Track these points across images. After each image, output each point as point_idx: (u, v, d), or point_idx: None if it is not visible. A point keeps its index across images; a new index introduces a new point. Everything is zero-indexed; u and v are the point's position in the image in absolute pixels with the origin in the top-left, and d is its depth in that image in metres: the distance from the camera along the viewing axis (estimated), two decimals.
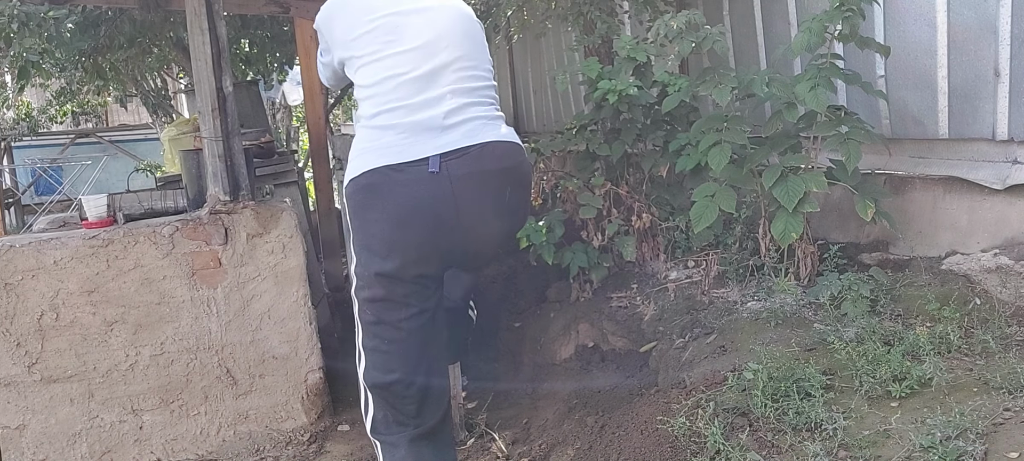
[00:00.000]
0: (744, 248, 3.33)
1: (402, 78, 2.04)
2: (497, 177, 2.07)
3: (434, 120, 2.02)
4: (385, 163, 1.99)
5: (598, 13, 3.88)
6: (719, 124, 3.07)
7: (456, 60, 2.08)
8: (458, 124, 2.04)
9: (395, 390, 2.09)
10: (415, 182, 1.98)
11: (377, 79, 2.06)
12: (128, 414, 2.92)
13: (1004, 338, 2.38)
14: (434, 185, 1.98)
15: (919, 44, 3.03)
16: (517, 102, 7.58)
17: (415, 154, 1.99)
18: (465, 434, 2.98)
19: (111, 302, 2.85)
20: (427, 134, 2.01)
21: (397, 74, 2.05)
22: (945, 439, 1.86)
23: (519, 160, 2.15)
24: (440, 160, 1.98)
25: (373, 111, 2.06)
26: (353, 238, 2.10)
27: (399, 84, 2.04)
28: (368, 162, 2.01)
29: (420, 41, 2.07)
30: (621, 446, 2.34)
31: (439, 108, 2.03)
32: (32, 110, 8.37)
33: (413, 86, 2.04)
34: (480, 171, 2.03)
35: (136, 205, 3.16)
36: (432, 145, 2.00)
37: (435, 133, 2.01)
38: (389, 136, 2.02)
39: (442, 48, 2.08)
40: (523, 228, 2.22)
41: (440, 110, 2.03)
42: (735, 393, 2.32)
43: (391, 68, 2.05)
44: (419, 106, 2.03)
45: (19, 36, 4.00)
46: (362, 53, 2.10)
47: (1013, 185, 2.77)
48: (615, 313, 3.48)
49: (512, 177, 2.11)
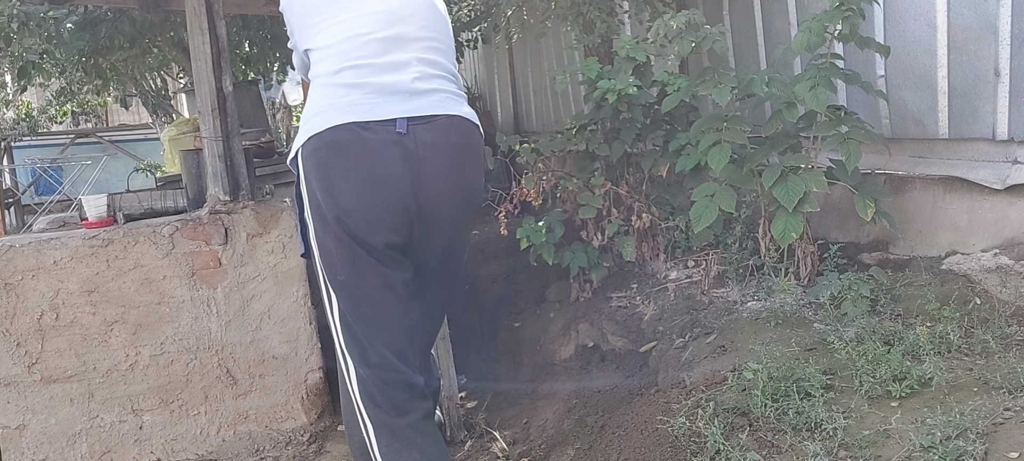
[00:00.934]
0: (744, 248, 3.33)
1: (367, 37, 1.99)
2: (458, 150, 2.04)
3: (403, 84, 1.98)
4: (353, 119, 1.92)
5: (598, 13, 3.88)
6: (719, 124, 3.07)
7: (423, 34, 2.06)
8: (427, 92, 2.01)
9: (380, 376, 2.01)
10: (383, 142, 1.92)
11: (339, 38, 2.00)
12: (128, 414, 2.92)
13: (1004, 338, 2.38)
14: (401, 147, 1.93)
15: (919, 44, 3.03)
16: (517, 102, 7.57)
17: (384, 114, 1.93)
18: (465, 434, 2.98)
19: (111, 302, 2.85)
20: (397, 97, 1.96)
21: (361, 33, 2.00)
22: (945, 439, 1.86)
23: (478, 141, 2.13)
24: (408, 123, 1.94)
25: (336, 67, 1.99)
26: (309, 207, 2.00)
27: (365, 42, 1.99)
28: (333, 118, 1.93)
29: (384, 6, 2.03)
30: (621, 446, 2.34)
31: (407, 73, 1.99)
32: (32, 110, 8.38)
33: (378, 46, 1.99)
34: (445, 142, 2.00)
35: (136, 205, 3.16)
36: (401, 108, 1.95)
37: (404, 97, 1.97)
38: (356, 94, 1.96)
39: (407, 16, 2.04)
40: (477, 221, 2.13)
41: (408, 75, 1.99)
42: (735, 393, 2.32)
43: (354, 27, 2.00)
44: (386, 67, 1.98)
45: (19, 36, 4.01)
46: (322, 18, 2.04)
47: (1013, 185, 2.76)
48: (615, 313, 3.48)
49: (471, 155, 2.09)
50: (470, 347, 3.93)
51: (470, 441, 2.94)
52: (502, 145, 3.82)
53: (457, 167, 2.04)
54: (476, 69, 8.59)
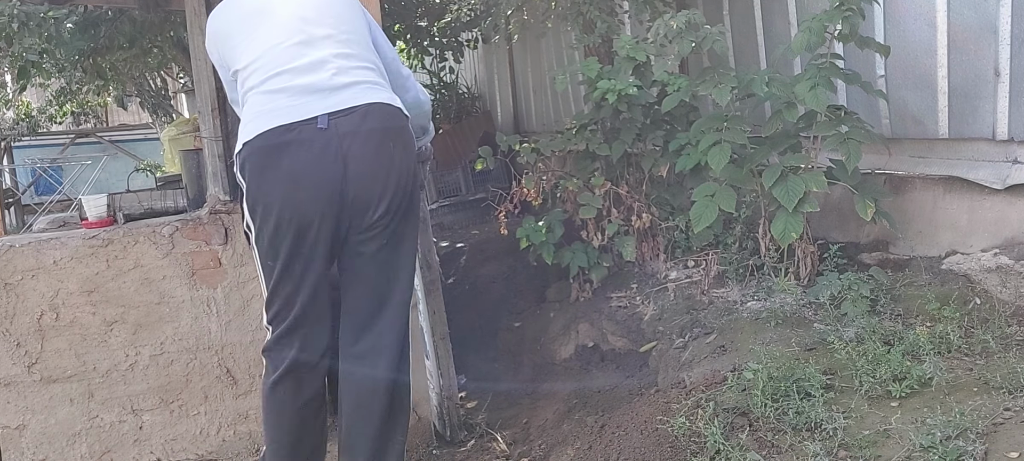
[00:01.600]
0: (744, 248, 3.33)
1: (283, 44, 2.13)
2: (380, 135, 2.11)
3: (321, 82, 2.09)
4: (277, 123, 2.05)
5: (598, 13, 3.87)
6: (719, 124, 3.07)
7: (333, 31, 2.18)
8: (345, 86, 2.11)
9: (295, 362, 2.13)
10: (307, 141, 2.04)
11: (260, 51, 2.15)
12: (128, 414, 2.91)
13: (1004, 338, 2.38)
14: (323, 142, 2.04)
15: (919, 44, 3.03)
16: (517, 102, 7.57)
17: (306, 114, 2.05)
18: (465, 434, 2.98)
19: (111, 302, 2.85)
20: (317, 96, 2.08)
21: (278, 42, 2.14)
22: (945, 439, 1.86)
23: (402, 123, 2.19)
24: (329, 118, 2.05)
25: (262, 78, 2.13)
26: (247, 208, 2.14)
27: (282, 50, 2.13)
28: (260, 125, 2.07)
29: (289, 14, 2.18)
30: (621, 446, 2.34)
31: (324, 71, 2.11)
32: (32, 110, 8.37)
33: (295, 50, 2.12)
34: (366, 129, 2.08)
35: (136, 205, 3.16)
36: (322, 105, 2.07)
37: (324, 94, 2.09)
38: (280, 99, 2.08)
39: (314, 18, 2.18)
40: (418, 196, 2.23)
41: (326, 73, 2.11)
42: (735, 393, 2.32)
43: (270, 38, 2.15)
44: (304, 69, 2.11)
45: (19, 36, 4.00)
46: (242, 38, 2.19)
47: (1013, 185, 2.77)
48: (615, 313, 3.48)
49: (395, 137, 2.15)
50: (470, 347, 3.93)
51: (471, 441, 2.94)
52: (502, 145, 3.82)
53: (381, 150, 2.11)
54: (476, 69, 8.59)
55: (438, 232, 6.04)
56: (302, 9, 2.19)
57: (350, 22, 2.24)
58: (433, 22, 6.55)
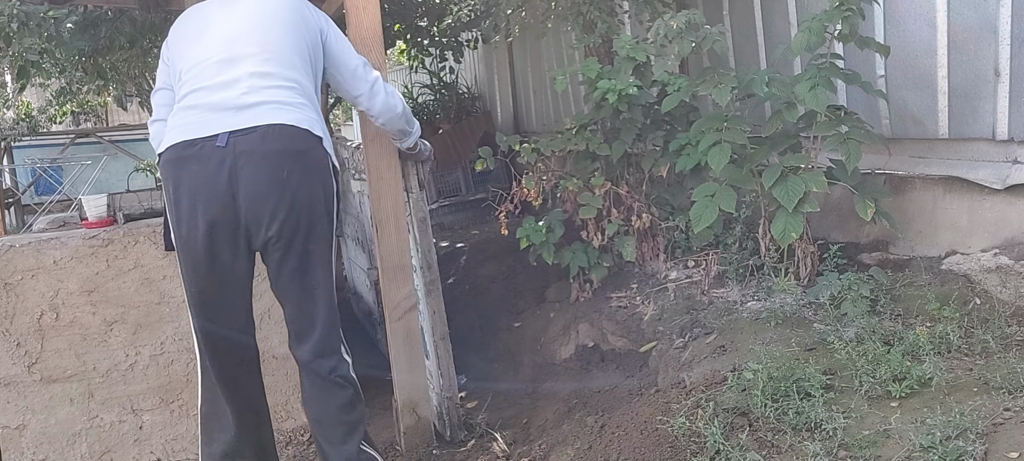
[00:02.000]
0: (744, 248, 3.33)
1: (207, 62, 2.25)
2: (277, 156, 2.18)
3: (230, 101, 2.19)
4: (183, 138, 2.18)
5: (598, 13, 3.87)
6: (719, 124, 3.07)
7: (255, 49, 2.26)
8: (253, 105, 2.19)
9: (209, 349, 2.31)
10: (206, 157, 2.15)
11: (187, 67, 2.29)
12: (128, 414, 2.92)
13: (1004, 338, 2.38)
14: (219, 159, 2.14)
15: (919, 44, 3.03)
16: (517, 102, 7.58)
17: (209, 131, 2.16)
18: (465, 434, 2.98)
19: (111, 302, 2.85)
20: (224, 114, 2.18)
21: (203, 59, 2.26)
22: (945, 439, 1.86)
23: (307, 146, 2.25)
24: (229, 136, 2.15)
25: (183, 93, 2.28)
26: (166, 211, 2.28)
27: (204, 67, 2.25)
28: (172, 138, 2.21)
29: (222, 31, 2.29)
30: (621, 446, 2.34)
31: (235, 90, 2.21)
32: (32, 110, 8.37)
33: (215, 68, 2.24)
34: (263, 150, 2.16)
35: (136, 205, 3.17)
36: (226, 123, 2.17)
37: (231, 113, 2.18)
38: (192, 114, 2.22)
39: (241, 35, 2.28)
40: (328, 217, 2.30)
41: (236, 91, 2.20)
42: (735, 393, 2.32)
43: (198, 55, 2.28)
44: (218, 87, 2.22)
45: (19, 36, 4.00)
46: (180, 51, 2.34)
47: (1013, 185, 2.77)
48: (615, 313, 3.48)
49: (295, 159, 2.21)
50: (470, 347, 3.93)
51: (471, 441, 2.94)
52: (502, 145, 3.82)
53: (276, 171, 2.17)
54: (476, 69, 8.59)
55: (438, 232, 6.05)
56: (235, 28, 2.30)
57: (279, 41, 2.31)
58: (433, 22, 6.55)
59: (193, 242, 2.19)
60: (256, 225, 2.19)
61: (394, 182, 2.83)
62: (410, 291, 2.86)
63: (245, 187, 2.15)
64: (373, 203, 2.82)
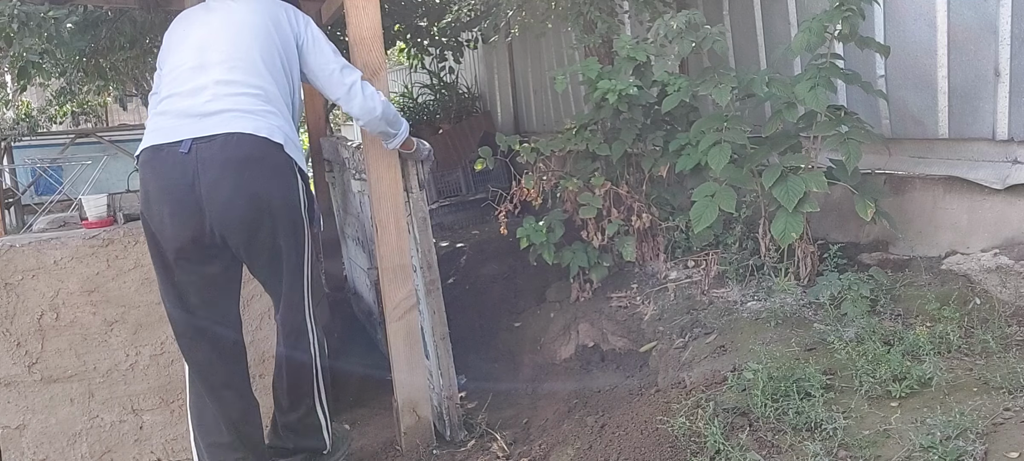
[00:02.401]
0: (744, 248, 3.33)
1: (180, 69, 2.36)
2: (237, 164, 2.25)
3: (195, 107, 2.28)
4: (152, 143, 2.28)
5: (598, 13, 3.87)
6: (719, 124, 3.07)
7: (223, 57, 2.34)
8: (216, 112, 2.27)
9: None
10: (170, 163, 2.24)
11: (168, 71, 2.40)
12: (128, 414, 2.92)
13: (1004, 338, 2.38)
14: (182, 165, 2.23)
15: (919, 44, 3.03)
16: (517, 102, 7.58)
17: (175, 137, 2.25)
18: (465, 434, 2.98)
19: (111, 302, 2.85)
20: (190, 120, 2.27)
21: (177, 66, 2.37)
22: (945, 439, 1.86)
23: (265, 153, 2.31)
24: (192, 143, 2.23)
25: (159, 98, 2.38)
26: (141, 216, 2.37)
27: (178, 74, 2.36)
28: (145, 142, 2.31)
29: (197, 39, 2.39)
30: (621, 446, 2.34)
31: (201, 97, 2.29)
32: (32, 110, 8.37)
33: (187, 75, 2.34)
34: (222, 158, 2.24)
35: (136, 205, 3.16)
36: (190, 129, 2.25)
37: (195, 120, 2.27)
38: (164, 120, 2.31)
39: (211, 43, 2.37)
40: (292, 221, 2.39)
41: (202, 99, 2.29)
42: (735, 393, 2.32)
43: (174, 63, 2.39)
44: (187, 94, 2.31)
45: (19, 36, 4.00)
46: (165, 57, 2.45)
47: (1013, 185, 2.77)
48: (615, 313, 3.48)
49: (254, 165, 2.28)
50: (470, 347, 3.94)
51: (471, 441, 2.94)
52: (502, 145, 3.82)
53: (233, 178, 2.25)
54: (476, 69, 8.59)
55: (438, 232, 6.05)
56: (208, 36, 2.39)
57: (245, 48, 2.37)
58: (433, 22, 6.55)
59: (164, 243, 2.29)
60: (222, 227, 2.27)
61: (394, 182, 2.83)
62: (410, 291, 2.87)
63: (207, 193, 2.23)
64: (373, 203, 2.82)
